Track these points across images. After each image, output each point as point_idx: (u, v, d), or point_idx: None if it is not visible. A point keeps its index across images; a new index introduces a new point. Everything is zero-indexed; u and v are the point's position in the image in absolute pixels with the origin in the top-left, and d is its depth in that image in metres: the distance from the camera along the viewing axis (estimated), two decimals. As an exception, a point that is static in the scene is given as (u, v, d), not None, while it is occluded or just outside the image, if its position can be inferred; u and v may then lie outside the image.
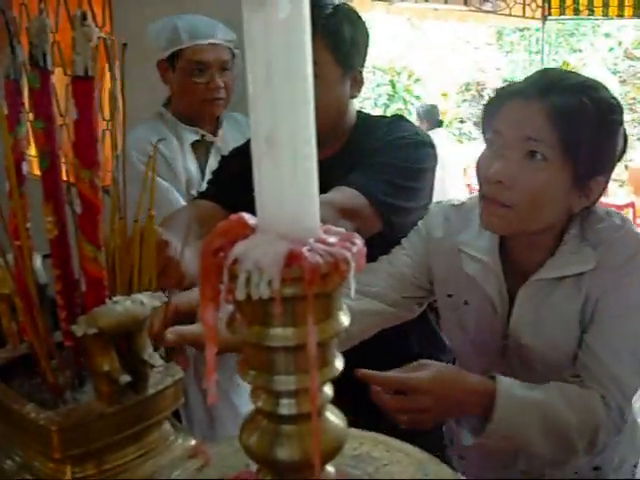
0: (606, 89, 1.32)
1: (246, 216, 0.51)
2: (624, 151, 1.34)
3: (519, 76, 14.98)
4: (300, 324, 0.50)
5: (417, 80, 13.40)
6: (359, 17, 1.60)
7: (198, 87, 2.12)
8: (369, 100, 13.66)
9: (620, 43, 14.24)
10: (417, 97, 13.18)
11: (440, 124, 7.79)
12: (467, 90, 14.89)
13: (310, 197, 0.50)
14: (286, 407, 0.55)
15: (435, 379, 1.24)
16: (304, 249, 0.47)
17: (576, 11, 8.88)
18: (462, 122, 14.25)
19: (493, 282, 1.39)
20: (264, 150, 0.49)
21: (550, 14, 9.35)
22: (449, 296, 1.49)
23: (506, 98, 1.32)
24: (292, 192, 0.49)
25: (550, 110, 1.23)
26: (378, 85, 13.59)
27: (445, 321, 1.57)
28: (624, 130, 1.33)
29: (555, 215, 1.30)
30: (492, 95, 1.39)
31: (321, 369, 0.53)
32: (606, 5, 8.39)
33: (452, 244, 1.44)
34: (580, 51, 14.55)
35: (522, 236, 1.34)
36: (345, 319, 0.54)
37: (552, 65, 12.95)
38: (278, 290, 0.47)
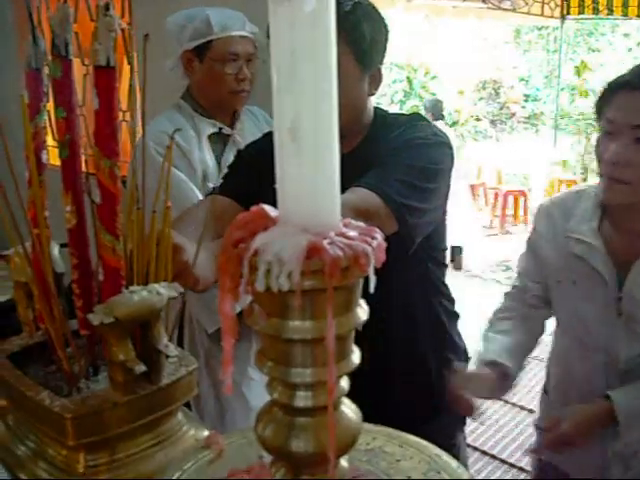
0: None
1: (267, 208, 0.51)
2: None
3: (536, 75, 14.95)
4: (319, 317, 0.50)
5: (434, 77, 13.36)
6: (379, 14, 1.59)
7: (228, 78, 2.14)
8: (385, 96, 13.62)
9: (639, 44, 14.13)
10: (433, 94, 13.14)
11: (442, 118, 8.08)
12: (484, 88, 14.81)
13: (331, 190, 0.50)
14: (302, 399, 0.55)
15: (572, 426, 1.53)
16: (325, 242, 0.47)
17: (595, 10, 8.82)
18: (478, 120, 14.19)
19: (599, 258, 1.58)
20: (287, 142, 0.48)
21: (569, 13, 9.30)
22: (558, 282, 1.68)
23: (615, 89, 1.50)
24: (314, 185, 0.49)
25: None
26: (395, 81, 13.55)
27: (560, 311, 1.74)
28: None
29: None
30: (604, 87, 1.56)
31: (338, 363, 0.54)
32: (625, 5, 8.33)
33: (558, 234, 1.66)
34: (598, 51, 14.45)
35: (634, 210, 1.55)
36: (363, 313, 0.54)
37: (569, 64, 12.90)
38: (298, 282, 0.47)
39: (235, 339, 0.55)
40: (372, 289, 0.50)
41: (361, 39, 1.51)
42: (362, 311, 0.54)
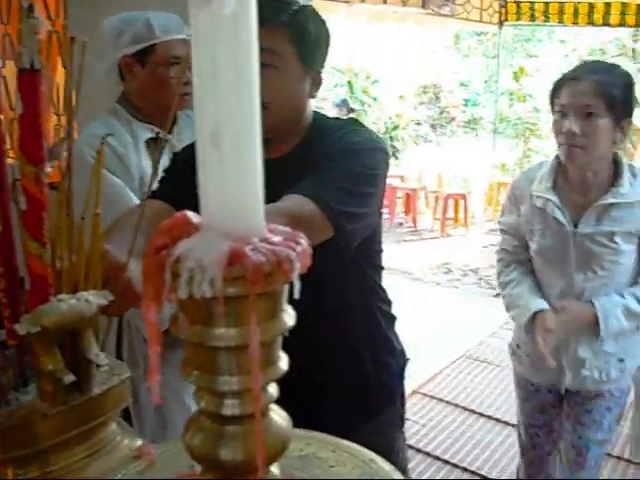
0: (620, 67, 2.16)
1: (190, 214, 0.51)
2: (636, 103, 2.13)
3: (475, 80, 15.19)
4: (243, 324, 0.50)
5: (375, 82, 13.47)
6: (322, 19, 1.60)
7: (173, 81, 2.12)
8: (327, 101, 13.68)
9: (575, 50, 14.48)
10: (374, 99, 13.25)
11: (352, 111, 8.82)
12: (424, 93, 15.01)
13: (255, 195, 0.50)
14: (229, 407, 0.54)
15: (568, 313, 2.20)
16: (247, 248, 0.47)
17: (532, 17, 9.02)
18: (418, 124, 14.35)
19: (555, 208, 2.18)
20: (208, 147, 0.48)
21: (507, 19, 9.48)
22: (531, 230, 2.29)
23: (564, 81, 2.10)
24: (236, 190, 0.48)
25: (595, 84, 2.02)
26: (336, 86, 13.63)
27: (534, 250, 2.31)
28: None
29: (606, 147, 2.09)
30: (555, 81, 2.14)
31: (265, 369, 0.53)
32: (561, 12, 8.53)
33: (525, 195, 2.29)
34: (536, 56, 14.76)
35: (589, 173, 2.14)
36: (289, 319, 0.53)
37: (507, 69, 13.15)
38: (220, 289, 0.46)
39: (163, 347, 0.54)
40: (297, 294, 0.50)
41: (306, 39, 1.52)
42: (288, 317, 0.53)
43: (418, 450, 3.73)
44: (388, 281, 1.86)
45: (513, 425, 3.97)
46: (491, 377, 4.63)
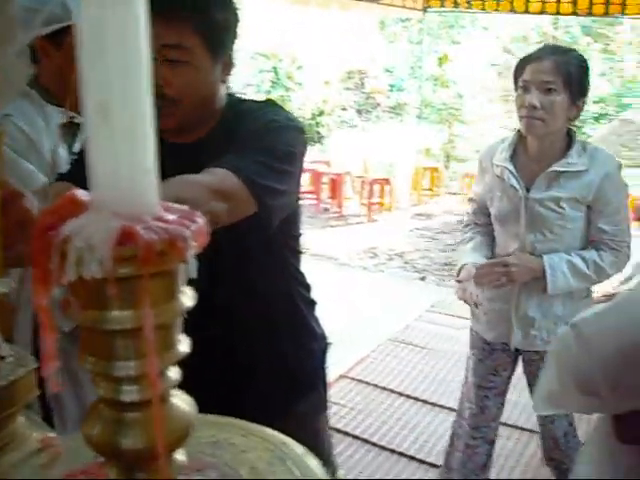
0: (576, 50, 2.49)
1: (80, 193, 0.48)
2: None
3: (400, 66, 15.31)
4: (138, 306, 0.48)
5: (300, 67, 13.44)
6: (229, 1, 1.56)
7: None
8: (252, 86, 13.58)
9: (498, 37, 14.73)
10: (299, 84, 13.22)
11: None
12: (349, 78, 15.04)
13: (147, 173, 0.47)
14: (128, 394, 0.52)
15: (514, 258, 2.41)
16: (138, 227, 0.45)
17: (455, 4, 9.12)
18: (344, 110, 14.40)
19: (510, 176, 2.42)
20: (97, 119, 0.45)
21: (430, 6, 9.55)
22: (491, 197, 2.53)
23: (528, 60, 2.34)
24: (127, 167, 0.46)
25: (555, 63, 2.27)
26: (261, 71, 13.55)
27: (495, 214, 2.54)
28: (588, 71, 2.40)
29: (562, 121, 2.34)
30: (519, 60, 2.42)
31: (163, 353, 0.51)
32: None
33: (488, 165, 2.54)
34: (459, 43, 14.96)
35: (546, 145, 2.39)
36: (188, 300, 0.51)
37: (432, 56, 13.30)
38: (110, 270, 0.44)
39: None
40: (194, 274, 0.48)
41: (212, 25, 1.48)
42: (187, 298, 0.52)
43: (346, 433, 3.75)
44: (315, 266, 1.86)
45: (440, 406, 4.05)
46: (417, 360, 4.68)
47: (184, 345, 0.54)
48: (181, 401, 0.56)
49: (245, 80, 13.92)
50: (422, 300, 5.79)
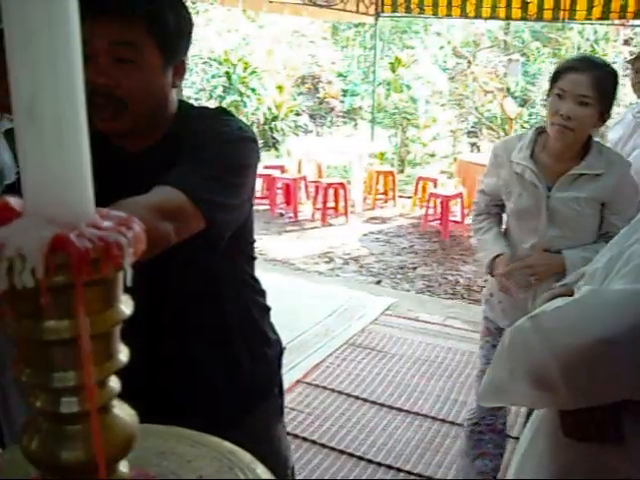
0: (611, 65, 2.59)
1: (11, 199, 0.47)
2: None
3: (353, 70, 15.39)
4: (74, 315, 0.46)
5: (253, 72, 13.41)
6: (183, 4, 1.55)
7: None
8: (205, 92, 13.53)
9: (449, 42, 14.89)
10: (253, 90, 13.20)
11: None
12: (303, 83, 15.07)
13: (82, 177, 0.46)
14: (67, 405, 0.51)
15: (535, 259, 2.58)
16: (72, 234, 0.43)
17: (408, 9, 9.18)
18: (298, 115, 14.41)
19: (531, 174, 2.55)
20: (25, 121, 0.44)
21: (383, 11, 9.60)
22: (509, 192, 2.66)
23: (565, 70, 2.46)
24: (59, 170, 0.44)
25: (593, 78, 2.39)
26: (214, 77, 13.49)
27: (510, 209, 2.70)
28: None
29: (589, 131, 2.51)
30: (556, 67, 2.58)
31: (103, 363, 0.50)
32: (435, 5, 8.73)
33: (505, 162, 2.64)
34: (412, 48, 15.08)
35: (567, 148, 2.52)
36: (127, 308, 0.50)
37: (385, 61, 13.39)
38: (43, 279, 0.43)
39: None
40: (129, 282, 0.47)
41: (165, 28, 1.46)
42: (126, 306, 0.50)
43: (304, 439, 3.74)
44: (270, 272, 1.85)
45: (397, 409, 4.06)
46: (374, 363, 4.69)
47: (124, 354, 0.52)
48: (123, 411, 0.55)
49: (198, 86, 13.86)
50: (378, 304, 5.80)
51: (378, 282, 6.69)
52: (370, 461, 3.54)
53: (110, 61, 1.41)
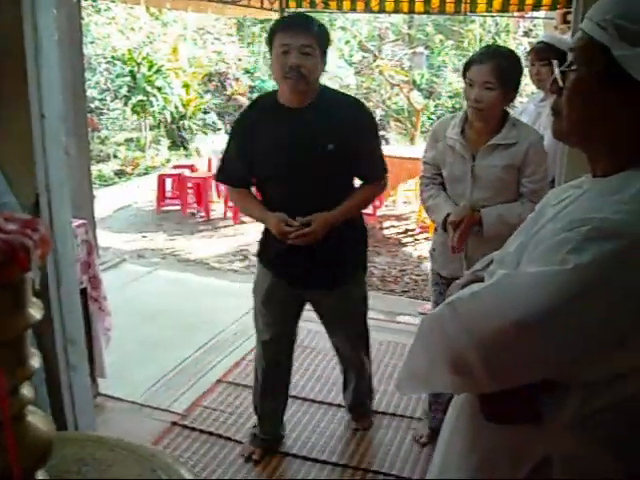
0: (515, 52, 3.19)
1: None
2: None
3: (260, 67, 15.33)
4: (-18, 322, 0.45)
5: (158, 71, 13.18)
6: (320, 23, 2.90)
7: None
8: (109, 92, 13.25)
9: (355, 36, 15.00)
10: (159, 88, 12.98)
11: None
12: (210, 81, 14.93)
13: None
14: (-23, 416, 0.49)
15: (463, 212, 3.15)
16: (-25, 237, 0.42)
17: (312, 4, 9.18)
18: (206, 113, 14.27)
19: (460, 146, 3.13)
20: None
21: (287, 6, 9.58)
22: (444, 162, 3.22)
23: (471, 62, 3.00)
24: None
25: (493, 67, 2.91)
26: (118, 76, 13.21)
27: (445, 176, 3.26)
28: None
29: (498, 109, 3.03)
30: (467, 59, 3.10)
31: (14, 370, 0.48)
32: (340, -1, 8.76)
33: (440, 137, 3.24)
34: (319, 43, 15.09)
35: (485, 124, 3.07)
36: (36, 312, 0.49)
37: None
38: (-55, 285, 0.41)
39: None
40: (37, 285, 0.46)
41: (324, 38, 2.85)
42: (36, 310, 0.49)
43: (228, 438, 3.72)
44: (185, 273, 1.83)
45: (320, 402, 4.08)
46: (295, 358, 4.67)
47: (35, 360, 0.51)
48: (38, 420, 0.53)
49: (102, 86, 13.56)
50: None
51: (294, 277, 6.69)
52: (295, 455, 3.55)
53: (300, 54, 2.78)
